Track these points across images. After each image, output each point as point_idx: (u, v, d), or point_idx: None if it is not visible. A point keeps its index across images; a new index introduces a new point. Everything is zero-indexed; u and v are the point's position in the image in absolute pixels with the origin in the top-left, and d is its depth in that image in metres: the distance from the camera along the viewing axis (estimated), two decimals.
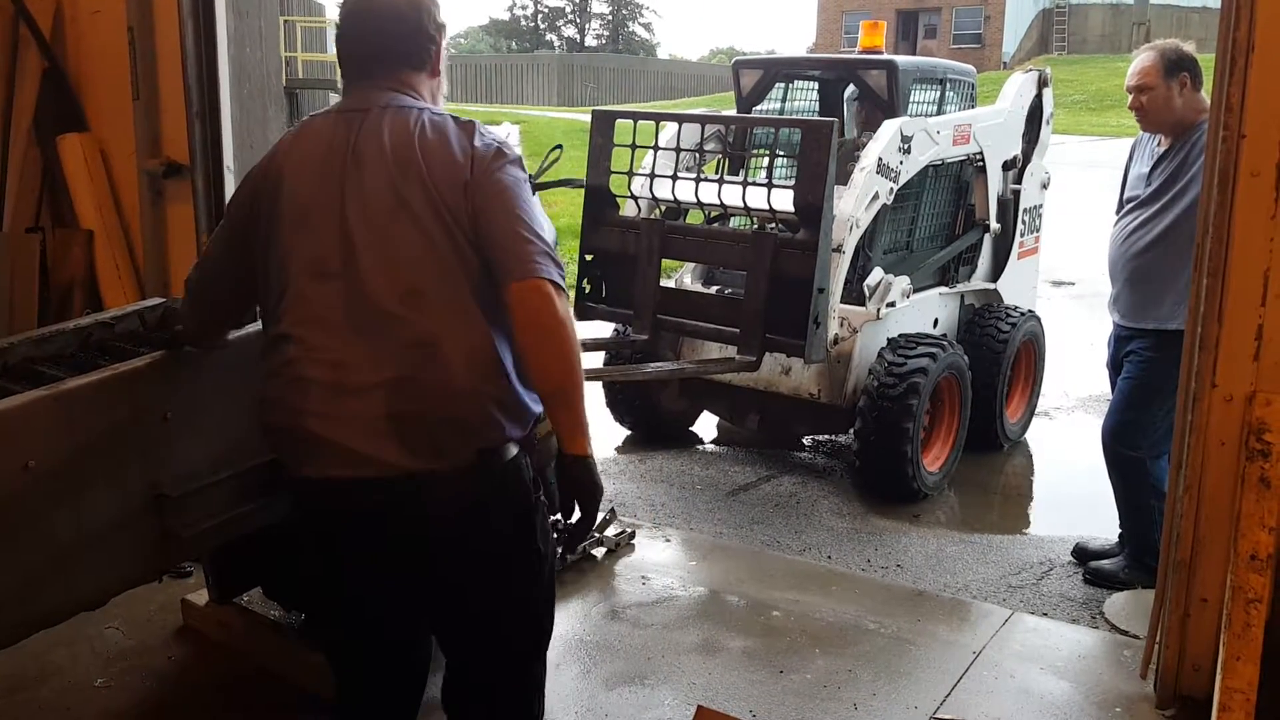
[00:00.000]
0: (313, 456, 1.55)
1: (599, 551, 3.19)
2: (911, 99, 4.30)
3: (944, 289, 4.40)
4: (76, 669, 2.51)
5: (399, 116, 1.59)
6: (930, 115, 4.37)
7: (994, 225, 4.55)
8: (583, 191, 3.72)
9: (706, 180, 3.68)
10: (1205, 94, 2.95)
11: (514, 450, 1.58)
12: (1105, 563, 3.30)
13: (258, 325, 2.11)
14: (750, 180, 3.63)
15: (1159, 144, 3.08)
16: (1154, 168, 3.05)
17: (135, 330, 2.29)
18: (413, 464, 1.50)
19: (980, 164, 4.41)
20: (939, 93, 4.52)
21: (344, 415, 1.51)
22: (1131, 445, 3.08)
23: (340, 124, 1.61)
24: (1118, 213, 3.19)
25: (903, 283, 3.98)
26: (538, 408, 1.60)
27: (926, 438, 4.06)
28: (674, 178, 3.61)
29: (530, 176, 2.49)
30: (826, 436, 4.75)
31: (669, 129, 4.16)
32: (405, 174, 1.54)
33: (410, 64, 1.66)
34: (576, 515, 1.59)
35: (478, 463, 1.53)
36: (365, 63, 1.66)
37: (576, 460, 1.53)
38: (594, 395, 4.80)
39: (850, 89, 4.51)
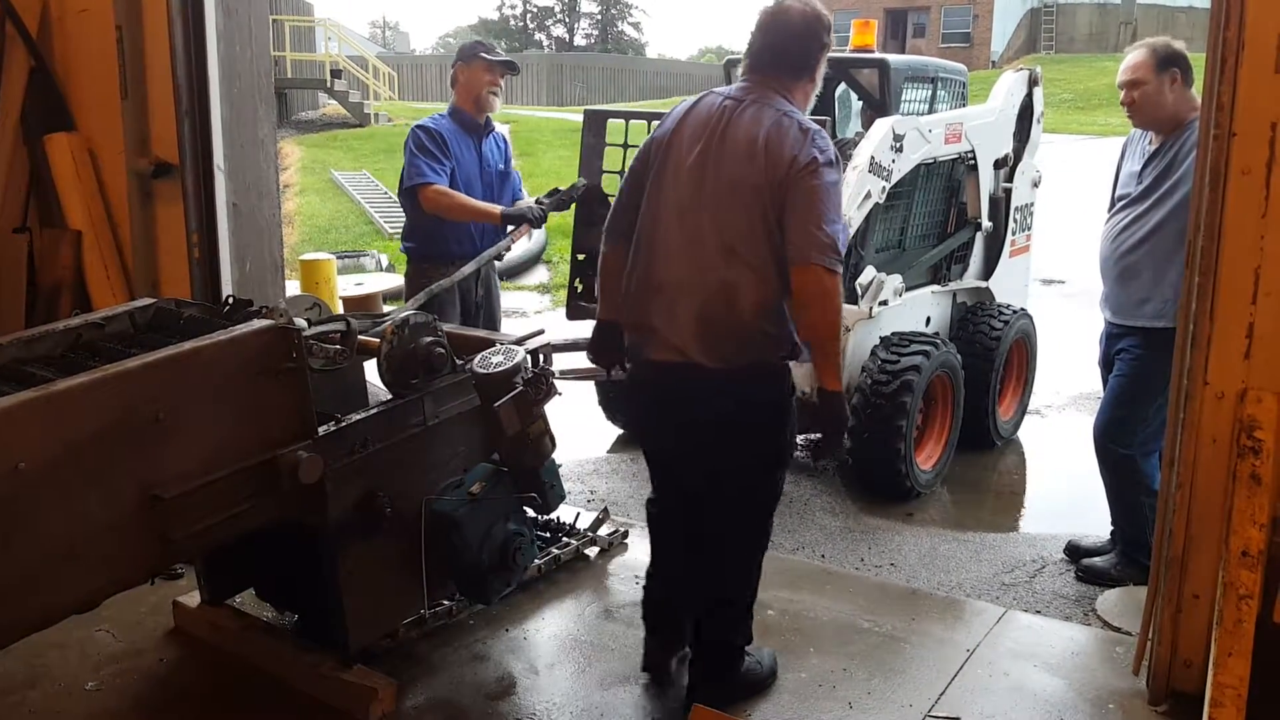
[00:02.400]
0: (653, 344, 2.21)
1: (592, 551, 3.18)
2: (903, 98, 4.31)
3: (936, 287, 4.41)
4: (67, 672, 2.48)
5: (760, 113, 2.15)
6: (922, 114, 4.38)
7: (986, 223, 4.57)
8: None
9: None
10: (1195, 92, 2.97)
11: (778, 364, 2.22)
12: (1097, 560, 3.32)
13: (248, 326, 2.10)
14: None
15: (1150, 142, 3.09)
16: (1145, 166, 3.07)
17: (126, 331, 2.27)
18: (707, 361, 2.15)
19: (972, 162, 4.43)
20: (930, 91, 4.53)
21: (675, 320, 2.16)
22: (1123, 443, 3.09)
23: (721, 108, 2.19)
24: (1109, 211, 3.20)
25: (895, 281, 3.98)
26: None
27: (919, 436, 4.08)
28: None
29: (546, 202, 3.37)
30: (819, 435, 4.75)
31: None
32: (750, 163, 2.11)
33: (790, 71, 2.23)
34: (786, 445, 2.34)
35: (749, 368, 2.17)
36: (758, 60, 2.24)
37: (831, 394, 2.18)
38: (586, 395, 4.79)
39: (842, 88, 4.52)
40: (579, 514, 3.31)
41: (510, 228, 3.52)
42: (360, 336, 2.38)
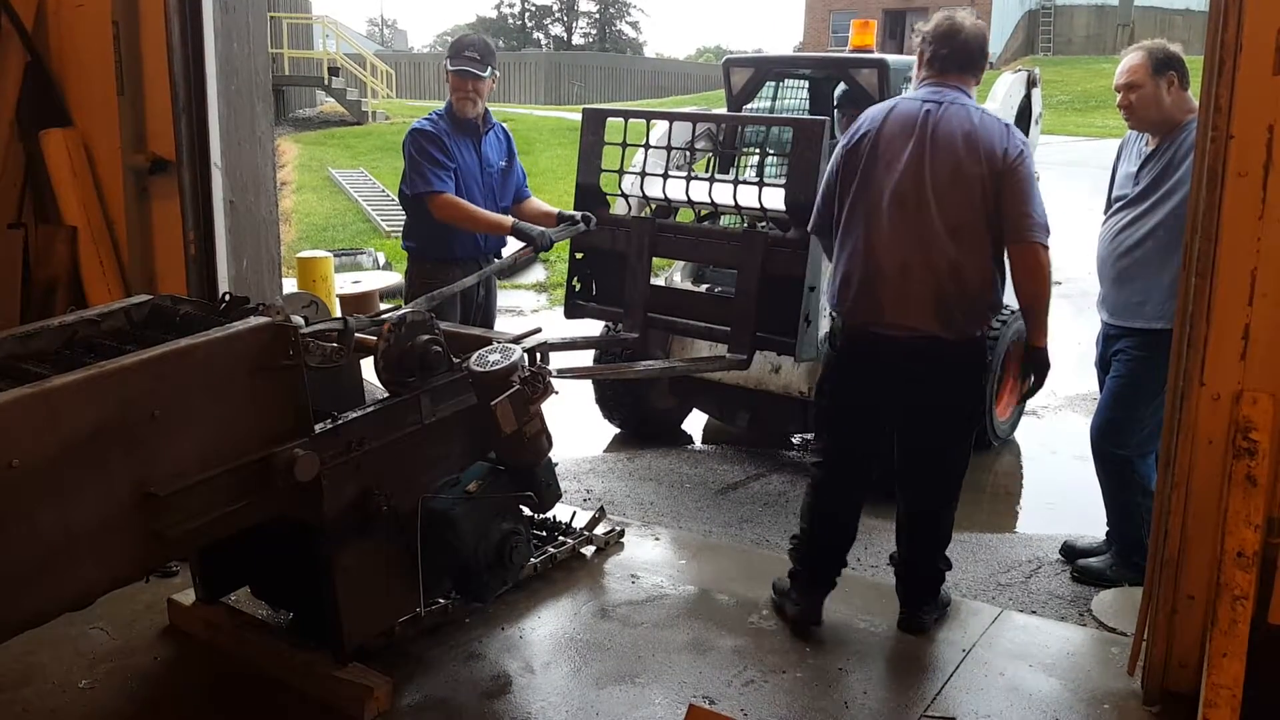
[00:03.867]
0: (882, 319, 2.54)
1: (588, 550, 3.18)
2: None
3: None
4: (61, 670, 2.47)
5: (962, 112, 2.51)
6: None
7: None
8: (573, 189, 3.71)
9: (697, 178, 3.67)
10: (1191, 94, 2.98)
11: (987, 330, 2.64)
12: (1093, 560, 3.32)
13: (245, 323, 2.09)
14: (741, 179, 3.63)
15: (1146, 143, 3.09)
16: (1141, 167, 3.07)
17: (121, 327, 2.26)
18: (944, 333, 2.52)
19: None
20: None
21: (907, 297, 2.50)
22: (1119, 444, 3.09)
23: (923, 109, 2.52)
24: (1105, 212, 3.21)
25: None
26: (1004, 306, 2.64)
27: None
28: (665, 176, 3.61)
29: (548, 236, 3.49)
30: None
31: (660, 127, 4.16)
32: (966, 156, 2.46)
33: (970, 72, 2.62)
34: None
35: (974, 336, 2.58)
36: (946, 64, 2.59)
37: (1039, 350, 2.61)
38: (584, 393, 4.79)
39: (841, 88, 4.52)
40: (575, 513, 3.30)
41: (520, 244, 3.53)
42: (358, 334, 2.37)
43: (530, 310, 7.96)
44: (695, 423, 5.04)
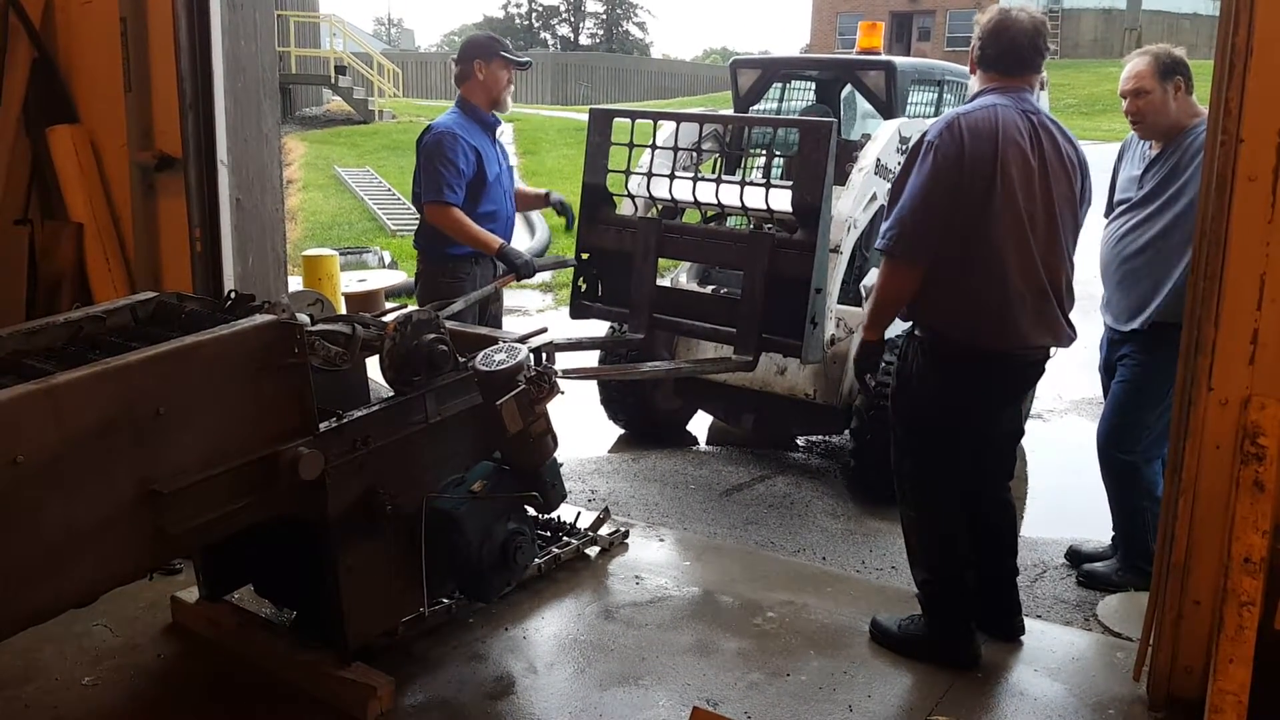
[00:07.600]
0: (1025, 342, 2.47)
1: (593, 550, 3.17)
2: (909, 100, 4.30)
3: None
4: (64, 667, 2.48)
5: (1044, 119, 2.44)
6: (928, 116, 4.37)
7: None
8: (579, 190, 3.70)
9: (704, 179, 3.66)
10: (1196, 99, 2.96)
11: None
12: (1098, 565, 3.31)
13: (250, 321, 2.09)
14: (748, 180, 3.62)
15: (1150, 147, 3.07)
16: (1146, 171, 3.05)
17: (127, 324, 2.26)
18: (1055, 344, 2.55)
19: None
20: (937, 94, 4.53)
21: (1032, 313, 2.44)
22: (1125, 449, 3.08)
23: (1023, 120, 2.40)
24: (1106, 215, 3.19)
25: None
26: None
27: None
28: (671, 177, 3.60)
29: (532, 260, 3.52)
30: (821, 437, 4.75)
31: (666, 128, 4.15)
32: (1071, 173, 2.45)
33: (1036, 71, 2.51)
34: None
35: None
36: (1031, 64, 2.47)
37: None
38: (589, 394, 4.79)
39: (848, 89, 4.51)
40: (580, 513, 3.30)
41: (502, 268, 3.54)
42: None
43: (535, 310, 7.96)
44: (700, 424, 5.03)
